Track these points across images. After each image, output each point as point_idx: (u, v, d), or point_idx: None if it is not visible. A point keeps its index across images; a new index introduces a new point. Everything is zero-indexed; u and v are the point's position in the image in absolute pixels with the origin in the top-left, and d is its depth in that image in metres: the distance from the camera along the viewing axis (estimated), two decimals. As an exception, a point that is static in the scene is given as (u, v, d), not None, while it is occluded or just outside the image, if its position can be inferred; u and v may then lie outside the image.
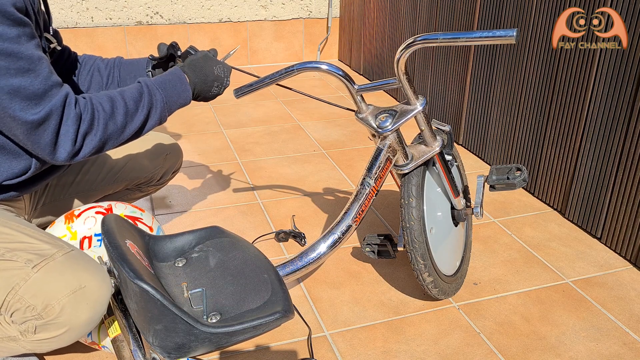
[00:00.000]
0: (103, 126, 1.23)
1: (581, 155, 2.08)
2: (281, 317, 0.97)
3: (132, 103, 1.28)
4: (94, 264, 1.22)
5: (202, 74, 1.40)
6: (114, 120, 1.24)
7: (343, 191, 2.44)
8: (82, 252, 1.26)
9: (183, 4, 3.91)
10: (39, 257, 1.18)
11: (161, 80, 1.35)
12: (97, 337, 1.45)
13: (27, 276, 1.16)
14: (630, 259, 1.95)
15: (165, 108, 1.34)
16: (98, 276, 1.20)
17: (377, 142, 1.58)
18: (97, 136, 1.22)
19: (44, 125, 1.15)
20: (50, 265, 1.18)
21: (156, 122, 1.33)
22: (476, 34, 1.28)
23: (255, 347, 1.57)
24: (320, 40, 4.32)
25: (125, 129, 1.27)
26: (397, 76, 1.49)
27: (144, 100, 1.30)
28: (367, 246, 1.68)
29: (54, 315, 1.16)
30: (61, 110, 1.16)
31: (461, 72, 2.76)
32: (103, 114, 1.23)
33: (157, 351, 0.97)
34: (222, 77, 1.44)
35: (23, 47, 1.12)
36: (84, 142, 1.21)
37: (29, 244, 1.21)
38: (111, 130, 1.24)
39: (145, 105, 1.30)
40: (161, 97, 1.32)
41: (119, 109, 1.25)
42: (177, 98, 1.36)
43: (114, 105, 1.25)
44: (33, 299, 1.15)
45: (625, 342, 1.61)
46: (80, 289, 1.16)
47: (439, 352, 1.56)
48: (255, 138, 2.97)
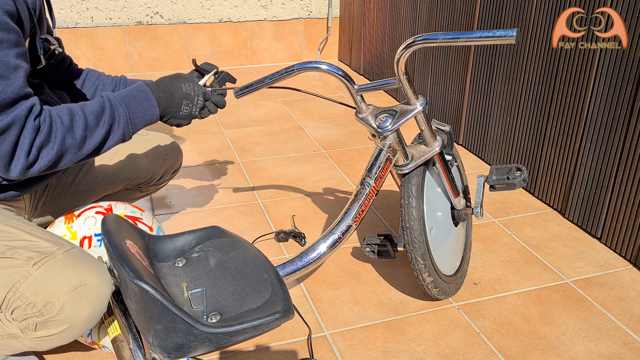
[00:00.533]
0: (60, 139, 1.17)
1: (581, 155, 2.08)
2: (281, 317, 0.97)
3: (92, 117, 1.22)
4: (94, 262, 1.22)
5: (169, 90, 1.34)
6: (72, 134, 1.19)
7: (343, 191, 2.44)
8: (82, 250, 1.27)
9: (183, 4, 3.91)
10: (40, 255, 1.19)
11: (125, 95, 1.29)
12: (97, 337, 1.45)
13: (28, 273, 1.16)
14: (630, 259, 1.95)
15: (128, 124, 1.28)
16: (98, 273, 1.20)
17: (377, 142, 1.58)
18: (53, 149, 1.17)
19: (4, 136, 1.11)
20: (51, 262, 1.18)
21: (119, 138, 1.27)
22: (476, 34, 1.28)
23: (255, 347, 1.57)
24: (320, 40, 4.32)
25: (85, 144, 1.21)
26: (397, 76, 1.49)
27: (106, 115, 1.24)
28: (367, 246, 1.68)
29: (54, 312, 1.16)
30: (23, 121, 1.12)
31: (461, 72, 2.76)
32: (61, 126, 1.17)
33: (157, 351, 0.97)
34: (192, 95, 1.35)
35: (1, 52, 1.10)
36: (39, 154, 1.16)
37: (30, 242, 1.21)
38: (69, 144, 1.19)
39: (107, 120, 1.24)
40: (124, 113, 1.27)
41: (78, 123, 1.20)
42: (141, 114, 1.30)
43: (73, 118, 1.20)
44: (33, 296, 1.16)
45: (625, 342, 1.61)
46: (80, 286, 1.17)
47: (439, 352, 1.56)
48: (255, 138, 2.97)
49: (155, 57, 3.98)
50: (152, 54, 3.97)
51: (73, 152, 1.20)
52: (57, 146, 1.17)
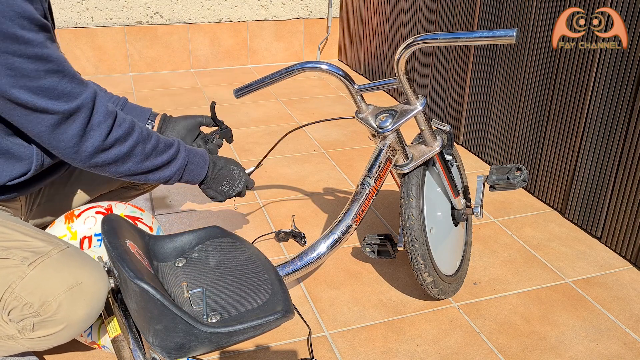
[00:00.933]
0: (133, 142, 1.26)
1: (581, 155, 2.08)
2: (281, 317, 0.97)
3: (163, 144, 1.32)
4: (90, 261, 1.22)
5: (219, 165, 1.47)
6: (144, 145, 1.28)
7: (343, 191, 2.44)
8: (78, 249, 1.26)
9: (183, 4, 3.91)
10: (35, 255, 1.19)
11: (190, 149, 1.41)
12: (97, 337, 1.45)
13: (24, 274, 1.16)
14: (630, 259, 1.95)
15: (182, 169, 1.38)
16: (94, 272, 1.20)
17: (377, 142, 1.58)
18: (124, 146, 1.24)
19: (74, 117, 1.17)
20: (46, 262, 1.18)
21: (169, 175, 1.36)
22: (476, 34, 1.28)
23: (255, 347, 1.57)
24: (320, 40, 4.32)
25: (147, 160, 1.30)
26: (397, 76, 1.49)
27: (172, 150, 1.34)
28: (367, 246, 1.68)
29: (51, 312, 1.16)
30: (92, 104, 1.19)
31: (461, 72, 2.76)
32: (139, 133, 1.27)
33: (157, 351, 0.97)
34: (236, 177, 1.50)
35: (50, 49, 1.14)
36: (114, 144, 1.23)
37: (25, 242, 1.21)
38: (138, 151, 1.27)
39: (172, 154, 1.34)
40: (184, 160, 1.37)
41: (151, 140, 1.30)
42: (193, 168, 1.41)
43: (150, 134, 1.30)
44: (30, 296, 1.15)
45: (625, 342, 1.61)
46: (77, 285, 1.17)
47: (439, 352, 1.56)
48: (255, 138, 2.97)
49: (155, 57, 3.98)
50: (152, 54, 3.97)
51: (135, 162, 1.28)
52: (128, 146, 1.25)
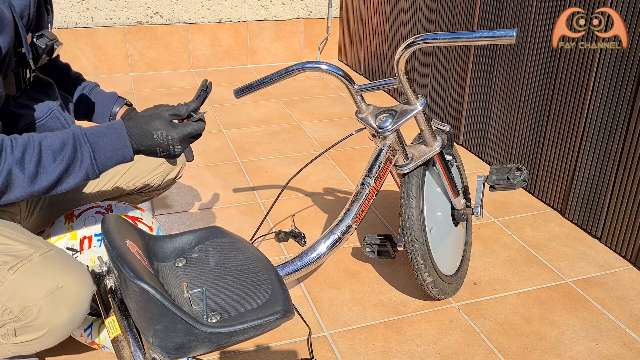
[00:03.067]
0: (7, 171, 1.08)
1: (581, 155, 2.08)
2: (281, 317, 0.97)
3: (48, 153, 1.13)
4: (72, 263, 1.20)
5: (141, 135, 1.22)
6: (21, 167, 1.10)
7: (343, 191, 2.44)
8: (62, 250, 1.24)
9: (183, 4, 3.91)
10: (15, 259, 1.16)
11: (95, 132, 1.18)
12: (97, 337, 1.45)
13: (3, 279, 1.14)
14: (630, 259, 1.95)
15: (92, 165, 1.18)
16: (76, 275, 1.18)
17: (377, 142, 1.58)
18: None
19: None
20: (27, 266, 1.16)
21: (81, 178, 1.18)
22: (476, 34, 1.28)
23: (255, 347, 1.57)
24: (320, 40, 4.32)
25: (36, 180, 1.12)
26: (397, 76, 1.49)
27: (65, 153, 1.14)
28: (367, 246, 1.68)
29: (31, 317, 1.14)
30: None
31: (461, 72, 2.76)
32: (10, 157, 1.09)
33: (157, 351, 0.97)
34: (166, 144, 1.22)
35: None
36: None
37: (6, 246, 1.19)
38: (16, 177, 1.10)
39: (66, 158, 1.14)
40: (89, 153, 1.16)
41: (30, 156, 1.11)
42: (111, 154, 1.19)
43: (25, 151, 1.11)
44: (10, 301, 1.14)
45: (625, 342, 1.61)
46: (57, 290, 1.15)
47: (439, 352, 1.56)
48: (255, 138, 2.97)
49: (155, 57, 3.98)
50: (152, 54, 3.97)
51: (22, 187, 1.12)
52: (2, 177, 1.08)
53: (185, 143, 1.24)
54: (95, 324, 1.46)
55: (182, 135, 1.22)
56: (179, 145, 1.23)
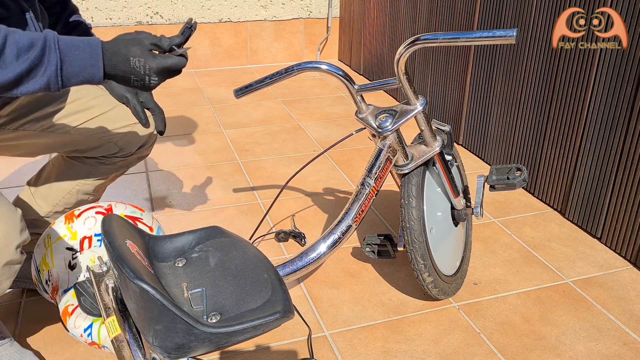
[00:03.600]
0: None
1: (581, 155, 2.08)
2: (281, 317, 0.97)
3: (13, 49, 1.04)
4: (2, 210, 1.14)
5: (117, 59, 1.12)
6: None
7: (343, 191, 2.44)
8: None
9: (183, 4, 3.91)
10: None
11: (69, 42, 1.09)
12: (97, 337, 1.45)
13: None
14: (630, 259, 1.95)
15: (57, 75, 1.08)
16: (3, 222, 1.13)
17: (377, 142, 1.58)
18: None
19: None
20: None
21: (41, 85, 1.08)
22: (476, 34, 1.28)
23: (255, 347, 1.57)
24: (320, 40, 4.32)
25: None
26: (397, 76, 1.49)
27: (31, 54, 1.05)
28: (367, 246, 1.68)
29: None
30: None
31: (461, 72, 2.76)
32: None
33: (157, 351, 0.97)
34: (142, 73, 1.13)
35: None
36: None
37: None
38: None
39: (31, 60, 1.05)
40: (56, 61, 1.07)
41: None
42: (80, 69, 1.09)
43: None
44: None
45: (625, 342, 1.61)
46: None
47: (439, 352, 1.56)
48: (255, 138, 2.97)
49: (155, 57, 3.98)
50: (152, 54, 3.97)
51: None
52: None
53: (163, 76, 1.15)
54: (95, 324, 1.46)
55: (161, 67, 1.13)
56: (155, 77, 1.14)
